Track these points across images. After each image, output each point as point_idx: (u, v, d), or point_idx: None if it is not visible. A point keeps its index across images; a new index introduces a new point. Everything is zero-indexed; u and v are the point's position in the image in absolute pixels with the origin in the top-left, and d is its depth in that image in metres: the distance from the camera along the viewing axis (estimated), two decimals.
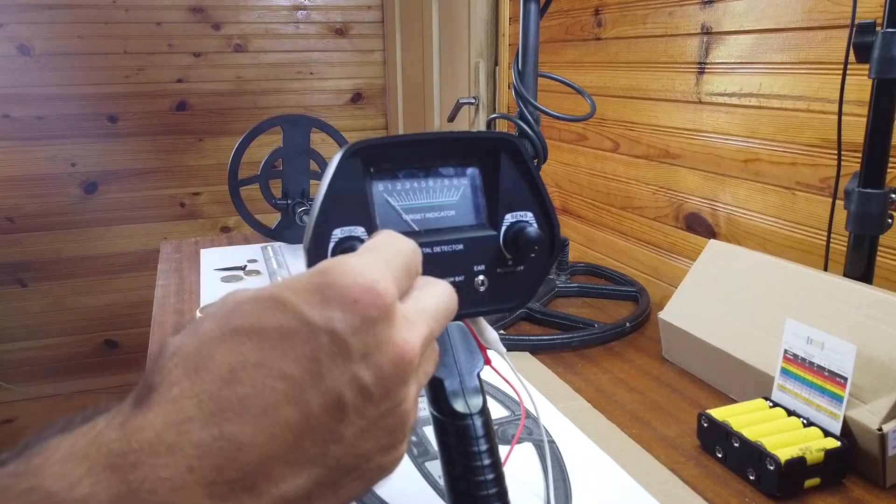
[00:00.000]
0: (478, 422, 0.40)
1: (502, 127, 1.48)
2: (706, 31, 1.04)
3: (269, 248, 1.28)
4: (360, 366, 0.27)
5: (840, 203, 0.76)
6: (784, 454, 0.57)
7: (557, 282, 1.10)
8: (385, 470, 0.29)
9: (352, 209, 0.37)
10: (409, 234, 0.39)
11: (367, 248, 0.31)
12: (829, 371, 0.61)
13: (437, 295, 0.32)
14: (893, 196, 0.71)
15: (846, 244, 0.73)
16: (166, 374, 0.25)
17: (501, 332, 0.93)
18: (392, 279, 0.28)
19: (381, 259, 0.29)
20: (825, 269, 0.81)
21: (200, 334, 0.26)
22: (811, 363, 0.62)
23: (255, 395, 0.25)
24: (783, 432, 0.61)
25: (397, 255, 0.30)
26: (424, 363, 0.31)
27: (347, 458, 0.27)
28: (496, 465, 0.40)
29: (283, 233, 1.30)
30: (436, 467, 0.60)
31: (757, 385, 0.70)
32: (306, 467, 0.26)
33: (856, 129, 0.79)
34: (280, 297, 0.27)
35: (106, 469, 0.23)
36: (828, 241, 0.80)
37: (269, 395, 0.25)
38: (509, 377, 0.44)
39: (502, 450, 0.42)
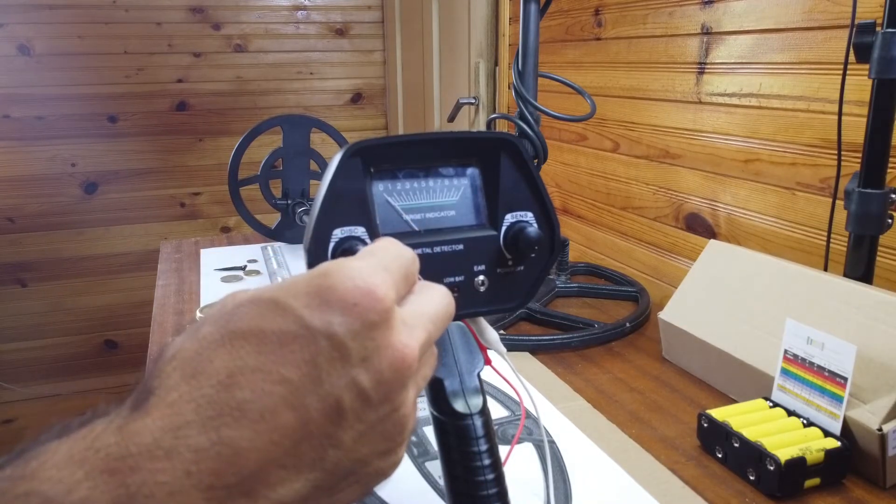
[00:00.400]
0: (478, 422, 0.40)
1: (502, 127, 1.48)
2: (706, 31, 1.04)
3: (269, 248, 1.28)
4: (359, 370, 0.27)
5: (840, 203, 0.76)
6: (784, 454, 0.57)
7: (557, 282, 1.10)
8: (383, 474, 0.29)
9: (352, 209, 0.37)
10: (410, 234, 0.39)
11: (366, 253, 0.31)
12: (829, 371, 0.61)
13: (436, 299, 0.32)
14: (893, 196, 0.71)
15: (846, 244, 0.73)
16: (165, 378, 0.25)
17: (501, 332, 0.93)
18: (391, 283, 0.29)
19: (381, 264, 0.29)
20: (825, 269, 0.81)
21: (199, 338, 0.26)
22: (811, 363, 0.62)
23: (253, 399, 0.25)
24: (783, 432, 0.61)
25: (396, 260, 0.30)
26: (423, 367, 0.31)
27: (346, 462, 0.27)
28: (496, 465, 0.40)
29: (283, 233, 1.30)
30: (436, 467, 0.60)
31: (757, 385, 0.70)
32: (304, 472, 0.26)
33: (856, 129, 0.79)
34: (280, 301, 0.27)
35: (104, 473, 0.23)
36: (828, 242, 0.80)
37: (268, 399, 0.25)
38: (509, 377, 0.44)
39: (502, 450, 0.42)
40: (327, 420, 0.26)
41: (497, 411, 0.70)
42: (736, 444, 0.61)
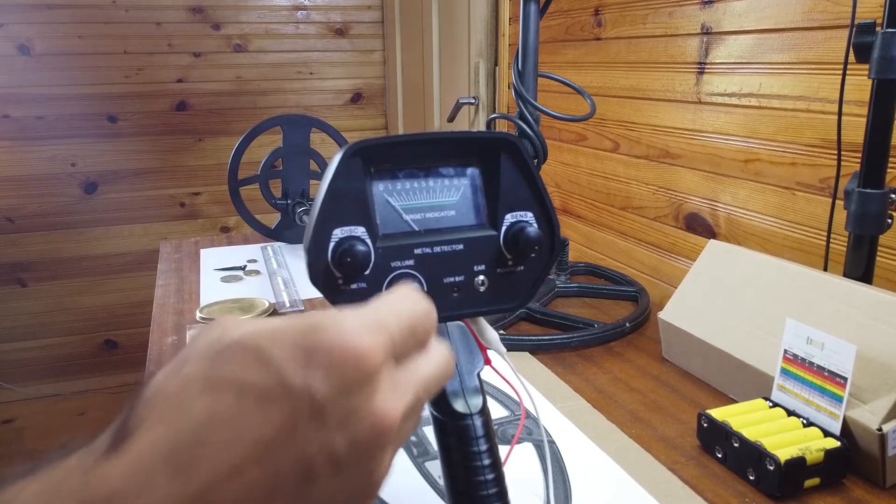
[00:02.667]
0: (478, 422, 0.40)
1: (502, 127, 1.48)
2: (706, 31, 1.04)
3: (268, 248, 1.28)
4: (334, 433, 0.26)
5: (840, 203, 0.76)
6: (784, 454, 0.57)
7: (557, 282, 1.10)
8: None
9: (352, 209, 0.37)
10: (409, 233, 0.39)
11: (373, 306, 0.30)
12: (829, 371, 0.61)
13: (434, 363, 0.31)
14: (893, 196, 0.71)
15: (846, 244, 0.74)
16: (142, 419, 0.25)
17: (501, 332, 0.93)
18: (383, 343, 0.28)
19: (379, 320, 0.29)
20: (825, 269, 0.81)
21: (181, 378, 0.26)
22: (811, 363, 0.62)
23: (226, 452, 0.25)
24: (783, 432, 0.61)
25: (400, 316, 0.30)
26: (403, 429, 0.30)
27: None
28: (496, 465, 0.40)
29: (283, 233, 1.30)
30: (436, 467, 0.60)
31: (757, 385, 0.70)
32: None
33: (856, 129, 0.79)
34: (265, 353, 0.26)
35: None
36: (828, 241, 0.80)
37: (241, 453, 0.25)
38: (509, 377, 0.44)
39: (502, 450, 0.42)
40: (298, 479, 0.26)
41: (497, 411, 0.70)
42: (736, 444, 0.61)
